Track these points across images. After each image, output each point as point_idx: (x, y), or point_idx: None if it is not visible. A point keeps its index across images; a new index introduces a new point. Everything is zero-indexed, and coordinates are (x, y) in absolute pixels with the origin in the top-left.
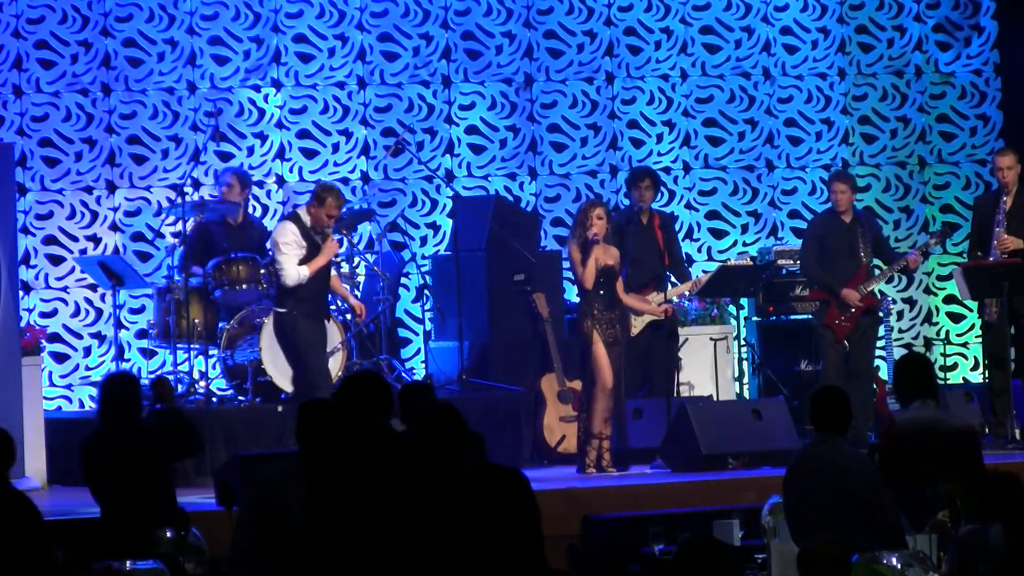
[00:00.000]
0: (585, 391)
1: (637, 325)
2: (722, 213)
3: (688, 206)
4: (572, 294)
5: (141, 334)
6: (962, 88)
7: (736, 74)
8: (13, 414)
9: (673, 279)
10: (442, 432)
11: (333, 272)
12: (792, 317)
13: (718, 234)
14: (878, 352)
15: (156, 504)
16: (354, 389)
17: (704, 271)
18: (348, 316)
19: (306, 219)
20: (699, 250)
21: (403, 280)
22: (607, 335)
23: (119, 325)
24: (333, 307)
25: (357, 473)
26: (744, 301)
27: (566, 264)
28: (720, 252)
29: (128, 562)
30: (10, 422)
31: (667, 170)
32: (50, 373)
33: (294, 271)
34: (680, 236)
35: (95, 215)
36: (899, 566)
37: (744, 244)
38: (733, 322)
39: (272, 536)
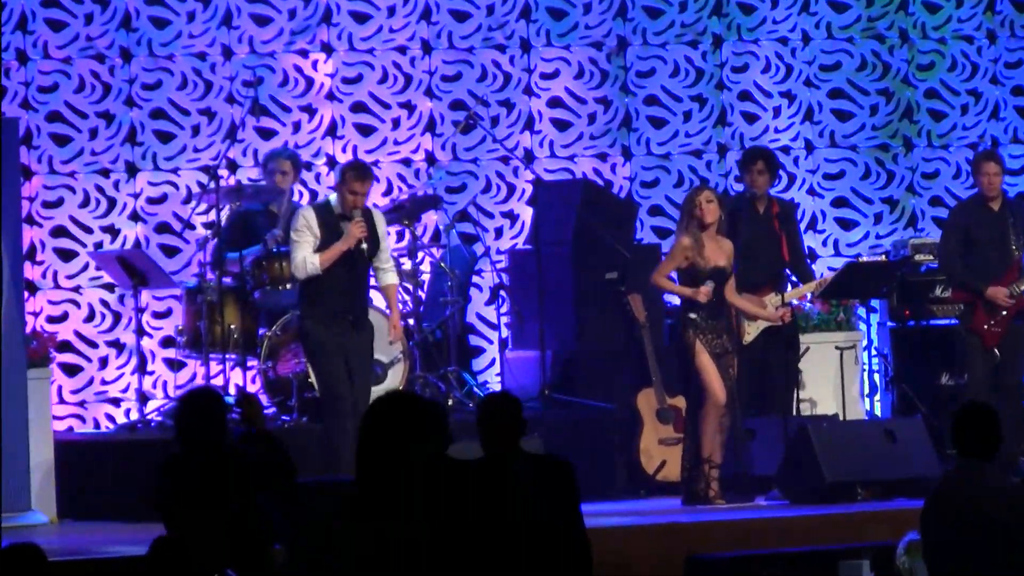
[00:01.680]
0: (690, 409)
1: (750, 332)
2: (851, 200)
3: (811, 192)
4: (674, 296)
5: (167, 342)
6: None
7: (868, 37)
8: (18, 435)
9: (793, 278)
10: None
11: (390, 272)
12: (932, 322)
13: (846, 225)
14: None
15: (247, 540)
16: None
17: (830, 268)
18: (411, 321)
19: (336, 205)
20: (824, 243)
21: (475, 279)
22: (713, 344)
23: (141, 332)
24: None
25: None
26: (876, 303)
27: None
28: (849, 246)
29: None
30: (14, 445)
31: (786, 150)
32: (60, 388)
33: (301, 260)
34: (803, 227)
35: (112, 202)
36: None
37: (877, 237)
38: (863, 328)
39: None
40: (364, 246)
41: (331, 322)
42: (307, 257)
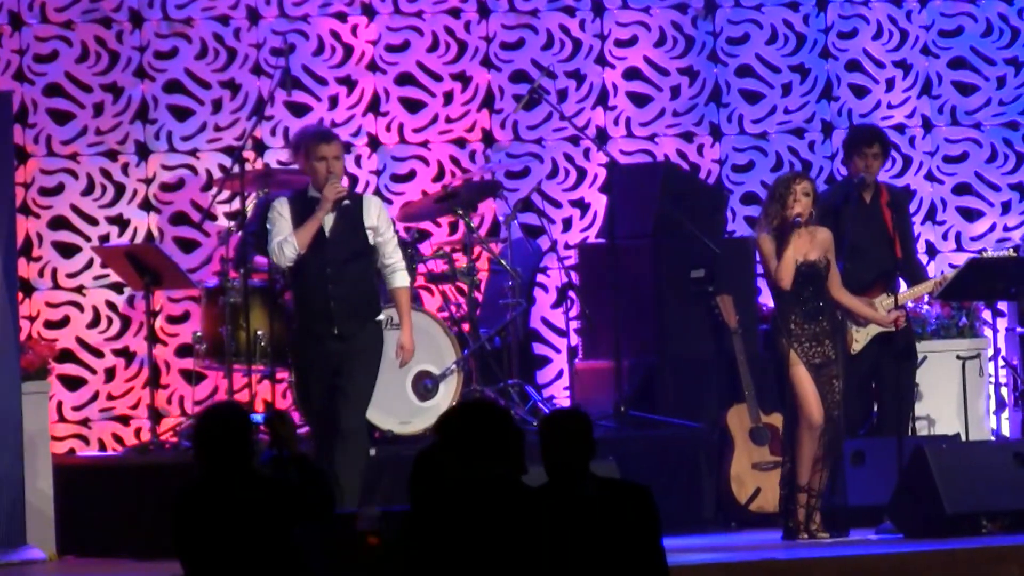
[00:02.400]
0: (787, 430)
1: (859, 339)
2: (975, 187)
3: (929, 177)
4: (770, 297)
5: (184, 350)
6: None
7: None
8: (11, 459)
9: (904, 278)
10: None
11: (400, 273)
12: None
13: (970, 215)
14: None
15: None
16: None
17: (951, 266)
18: (466, 327)
19: (312, 191)
20: (944, 236)
21: (539, 278)
22: (811, 354)
23: (154, 339)
24: (445, 314)
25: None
26: (1003, 306)
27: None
28: (972, 239)
29: None
30: (7, 470)
31: (900, 128)
32: (60, 404)
33: (276, 245)
34: (920, 218)
35: (121, 189)
36: None
37: (1005, 229)
38: (988, 334)
39: None
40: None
41: (309, 334)
42: (280, 241)
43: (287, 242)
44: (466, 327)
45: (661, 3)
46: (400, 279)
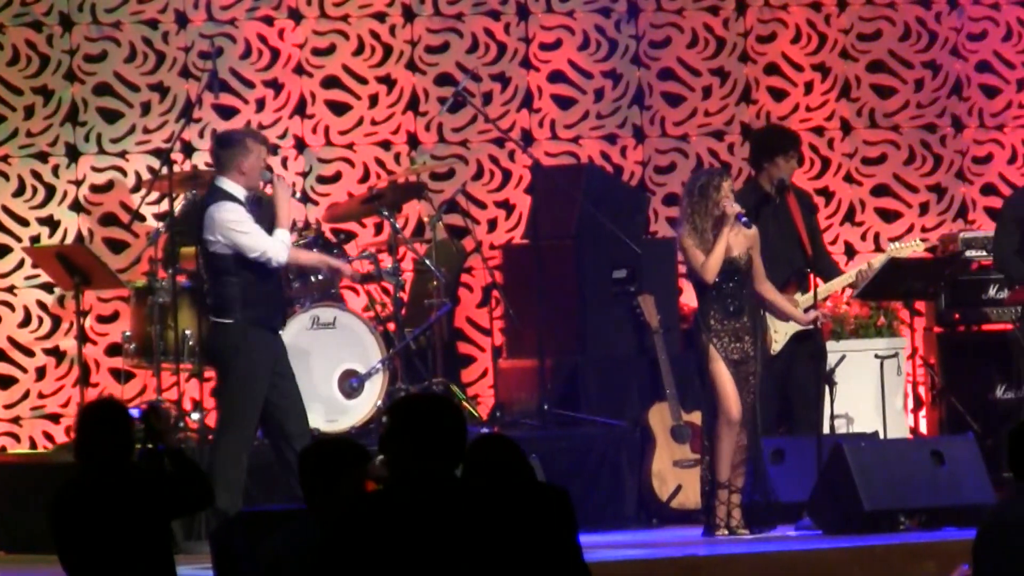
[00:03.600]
0: (706, 426)
1: (778, 340)
2: (893, 188)
3: (848, 178)
4: (691, 296)
5: (113, 350)
6: None
7: (911, 2)
8: None
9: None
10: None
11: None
12: (985, 327)
13: (887, 216)
14: None
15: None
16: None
17: (869, 264)
18: (391, 326)
19: (237, 191)
20: (863, 237)
21: (464, 278)
22: (730, 350)
23: (84, 338)
24: (371, 313)
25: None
26: (921, 306)
27: (682, 257)
28: (891, 239)
29: None
30: None
31: (819, 130)
32: None
33: (276, 241)
34: (839, 219)
35: (51, 190)
36: None
37: (923, 230)
38: (906, 333)
39: None
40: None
41: (270, 328)
42: (276, 235)
43: (288, 241)
44: (391, 327)
45: (585, 7)
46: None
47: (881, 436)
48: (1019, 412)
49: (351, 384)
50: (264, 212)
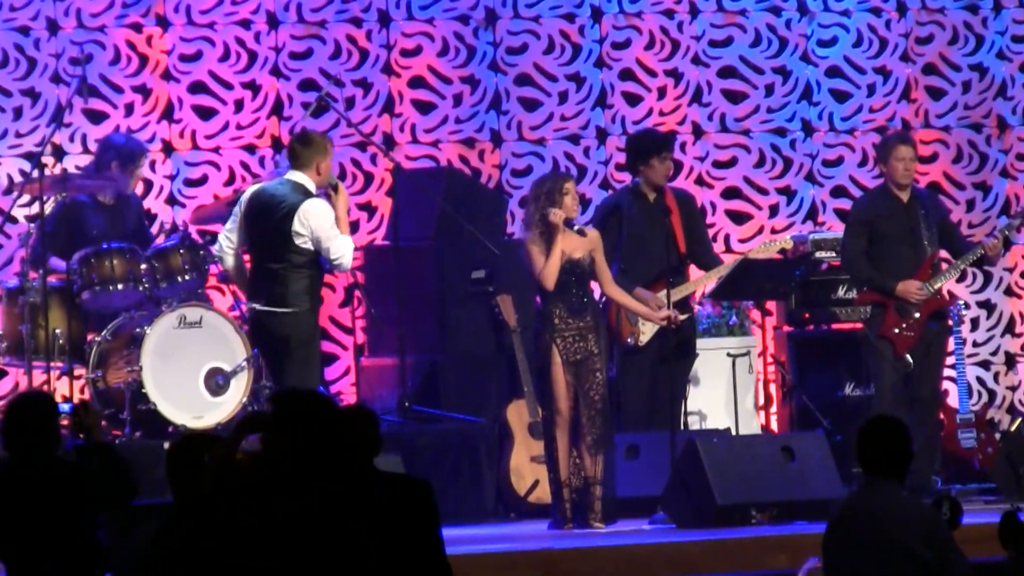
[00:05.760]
0: (546, 424)
1: (646, 332)
2: (744, 190)
3: (699, 181)
4: None
5: None
6: None
7: (763, 9)
8: None
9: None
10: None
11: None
12: (835, 326)
13: (738, 218)
14: (945, 372)
15: (80, 566)
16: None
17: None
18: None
19: (314, 189)
20: (714, 239)
21: (327, 278)
22: (573, 350)
23: None
24: (236, 313)
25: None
26: (772, 306)
27: None
28: (741, 241)
29: None
30: None
31: (673, 134)
32: None
33: (351, 251)
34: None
35: None
36: None
37: (773, 231)
38: (758, 333)
39: None
40: None
41: None
42: (347, 241)
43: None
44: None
45: (444, 15)
46: None
47: (733, 433)
48: (867, 409)
49: (217, 381)
50: (128, 213)
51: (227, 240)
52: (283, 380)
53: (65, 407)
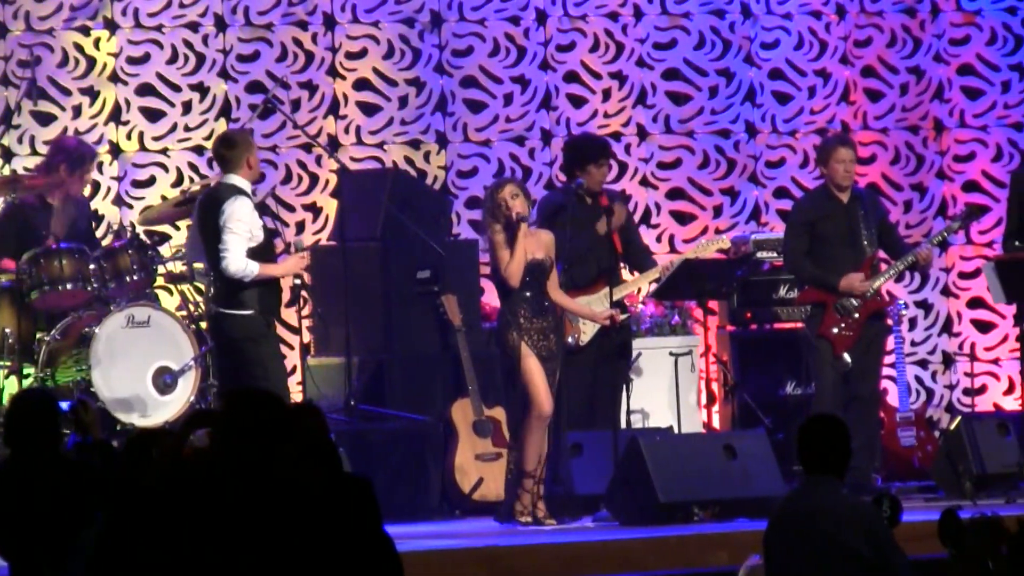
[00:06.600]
0: (516, 419)
1: (587, 331)
2: (688, 191)
3: (644, 182)
4: (493, 297)
5: None
6: (991, 31)
7: (706, 12)
8: None
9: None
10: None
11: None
12: (776, 326)
13: (682, 218)
14: (885, 371)
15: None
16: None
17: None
18: (203, 325)
19: (246, 185)
20: (658, 239)
21: None
22: (540, 347)
23: None
24: (184, 312)
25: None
26: (715, 305)
27: (484, 258)
28: (685, 242)
29: None
30: None
31: (617, 136)
32: None
33: (246, 263)
34: (634, 222)
35: None
36: None
37: (717, 232)
38: (700, 332)
39: None
40: None
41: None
42: (250, 263)
43: None
44: (203, 325)
45: (389, 18)
46: None
47: (676, 431)
48: (808, 408)
49: (165, 380)
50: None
51: None
52: (239, 380)
53: (64, 405)
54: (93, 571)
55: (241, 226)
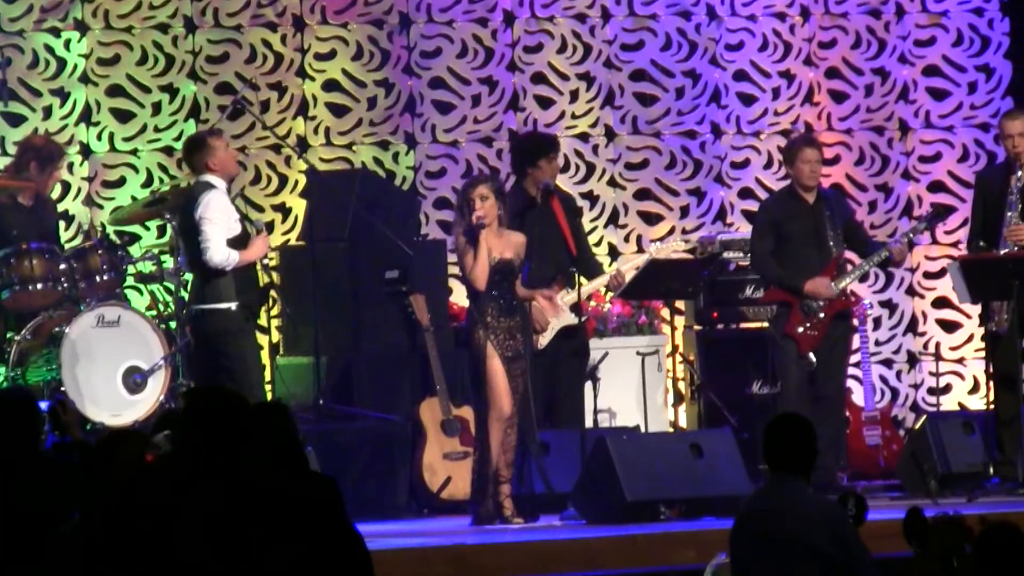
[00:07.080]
0: (479, 419)
1: (545, 335)
2: (655, 191)
3: (611, 183)
4: (461, 296)
5: None
6: (957, 32)
7: (673, 13)
8: None
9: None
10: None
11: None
12: (742, 325)
13: (649, 218)
14: (850, 371)
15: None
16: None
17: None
18: (172, 325)
19: (218, 183)
20: (625, 239)
21: None
22: (505, 347)
23: None
24: (153, 312)
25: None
26: (681, 305)
27: (452, 258)
28: (652, 241)
29: None
30: None
31: (585, 136)
32: None
33: (227, 251)
34: (603, 220)
35: None
36: None
37: (684, 232)
38: (667, 331)
39: None
40: None
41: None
42: (231, 252)
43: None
44: (172, 325)
45: (359, 19)
46: None
47: (642, 430)
48: (774, 406)
49: (135, 380)
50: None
51: None
52: (218, 374)
53: (43, 405)
54: (66, 570)
55: (219, 215)
